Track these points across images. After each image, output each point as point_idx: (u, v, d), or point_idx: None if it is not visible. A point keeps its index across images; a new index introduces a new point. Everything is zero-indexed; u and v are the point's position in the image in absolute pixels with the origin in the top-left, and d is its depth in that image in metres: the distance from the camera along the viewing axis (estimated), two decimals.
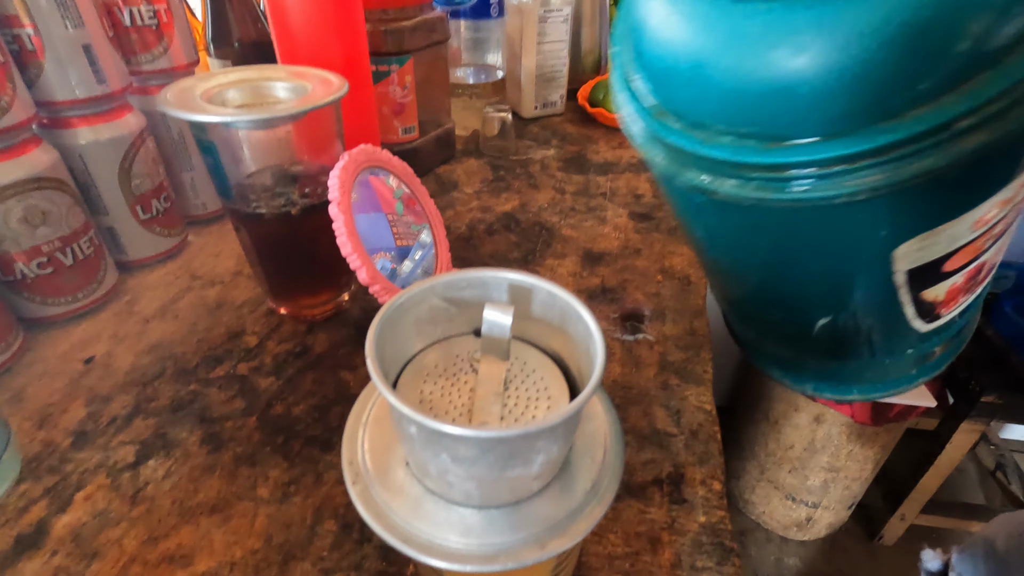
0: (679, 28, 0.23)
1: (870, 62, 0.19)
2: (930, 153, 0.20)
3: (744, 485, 1.38)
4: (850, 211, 0.22)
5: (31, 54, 0.36)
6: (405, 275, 0.38)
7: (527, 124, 0.77)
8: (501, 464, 0.17)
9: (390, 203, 0.39)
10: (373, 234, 0.38)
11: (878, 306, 0.28)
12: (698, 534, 0.29)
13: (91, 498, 0.30)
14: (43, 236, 0.37)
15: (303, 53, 0.45)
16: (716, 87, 0.22)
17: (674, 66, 0.24)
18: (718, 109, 0.23)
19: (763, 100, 0.21)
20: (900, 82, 0.19)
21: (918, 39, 0.18)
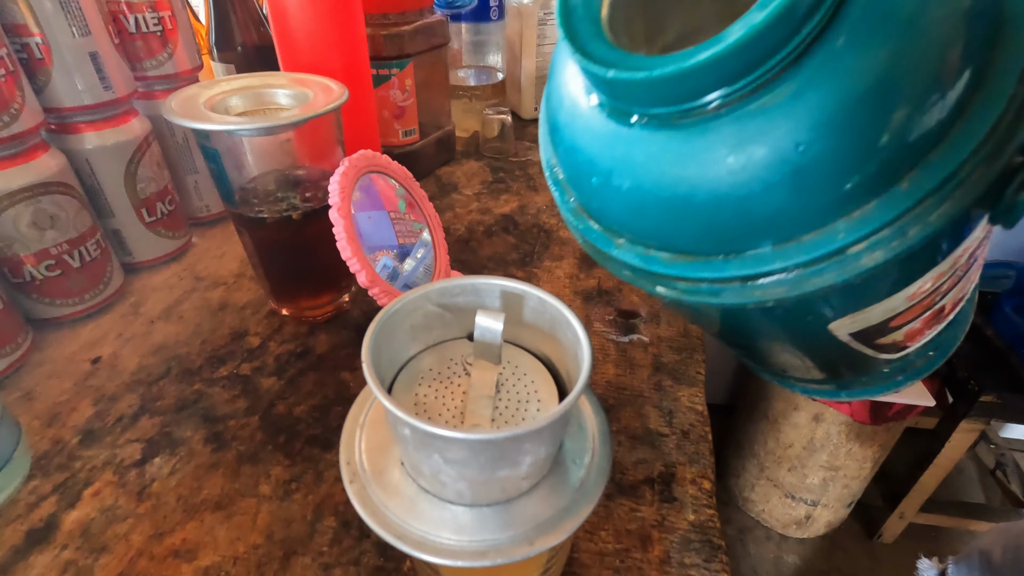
0: (583, 139, 0.23)
1: (758, 193, 0.19)
2: (830, 269, 0.19)
3: (743, 483, 1.39)
4: (768, 310, 0.22)
5: (39, 62, 0.37)
6: (407, 273, 0.39)
7: (527, 125, 0.78)
8: (491, 465, 0.18)
9: (392, 201, 0.40)
10: (375, 232, 0.38)
11: (840, 355, 0.28)
12: (687, 532, 0.29)
13: (99, 494, 0.31)
14: (51, 239, 0.38)
15: (304, 58, 0.45)
16: (620, 201, 0.23)
17: (583, 172, 0.24)
18: (624, 221, 0.23)
19: (663, 218, 0.21)
20: (789, 211, 0.19)
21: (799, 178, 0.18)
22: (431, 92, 0.61)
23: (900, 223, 0.18)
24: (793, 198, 0.19)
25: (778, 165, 0.18)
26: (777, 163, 0.18)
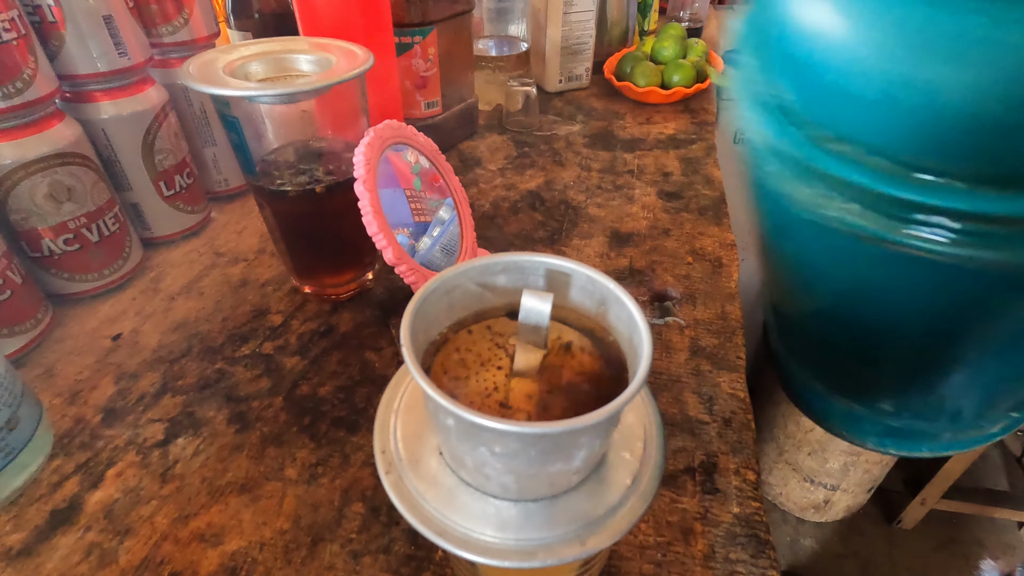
0: (864, 35, 0.18)
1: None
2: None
3: (761, 466, 1.37)
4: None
5: (52, 26, 0.35)
6: (423, 252, 0.37)
7: (551, 98, 0.75)
8: (542, 459, 0.17)
9: (408, 178, 0.38)
10: (392, 210, 0.37)
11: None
12: (732, 525, 0.28)
13: (122, 475, 0.30)
14: (69, 212, 0.37)
15: (325, 25, 0.43)
16: (923, 111, 0.17)
17: (854, 83, 0.19)
18: (921, 139, 0.18)
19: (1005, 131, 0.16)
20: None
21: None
22: (454, 62, 0.59)
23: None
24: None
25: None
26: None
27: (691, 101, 0.73)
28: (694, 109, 0.72)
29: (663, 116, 0.70)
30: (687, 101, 0.73)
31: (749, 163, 0.24)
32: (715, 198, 0.54)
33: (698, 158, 0.61)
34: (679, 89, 0.71)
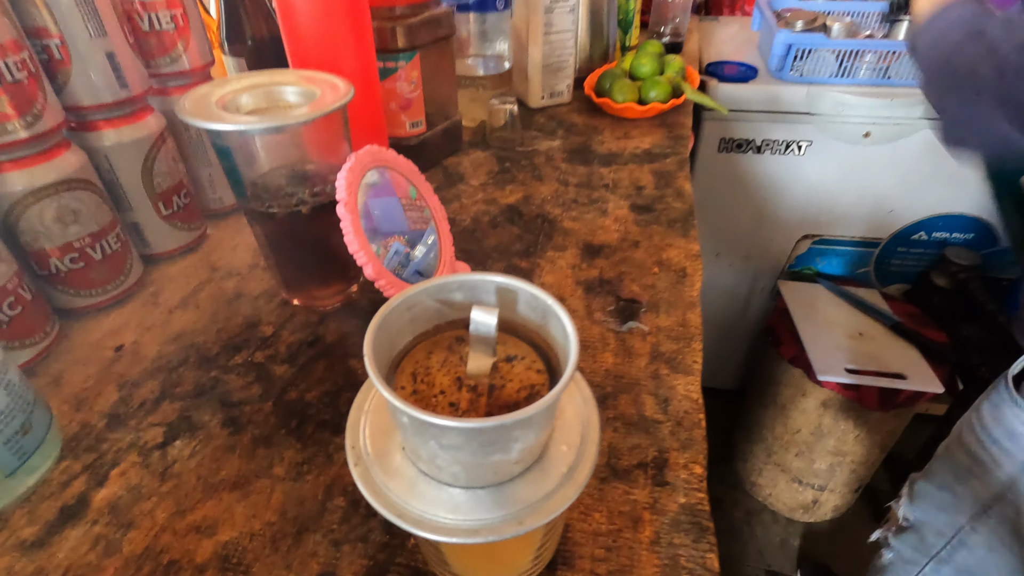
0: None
1: None
2: None
3: (751, 468, 1.40)
4: None
5: (59, 63, 0.38)
6: (418, 259, 0.40)
7: (534, 114, 0.78)
8: (483, 450, 0.20)
9: (403, 187, 0.41)
10: (387, 218, 0.40)
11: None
12: (677, 514, 0.31)
13: (125, 474, 0.33)
14: (74, 233, 0.40)
15: (312, 54, 0.47)
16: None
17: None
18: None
19: None
20: None
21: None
22: (438, 83, 0.62)
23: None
24: None
25: None
26: None
27: (667, 116, 0.77)
28: (670, 124, 0.75)
29: (640, 131, 0.73)
30: (663, 116, 0.76)
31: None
32: (684, 210, 0.57)
33: (671, 172, 0.64)
34: (655, 104, 0.74)
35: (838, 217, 1.27)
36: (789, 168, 1.23)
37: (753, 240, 1.35)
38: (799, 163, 1.22)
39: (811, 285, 1.32)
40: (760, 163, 1.25)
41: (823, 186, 1.24)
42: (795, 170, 1.23)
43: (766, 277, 1.40)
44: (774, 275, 1.38)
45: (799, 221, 1.31)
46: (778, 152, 1.23)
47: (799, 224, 1.31)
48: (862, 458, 1.23)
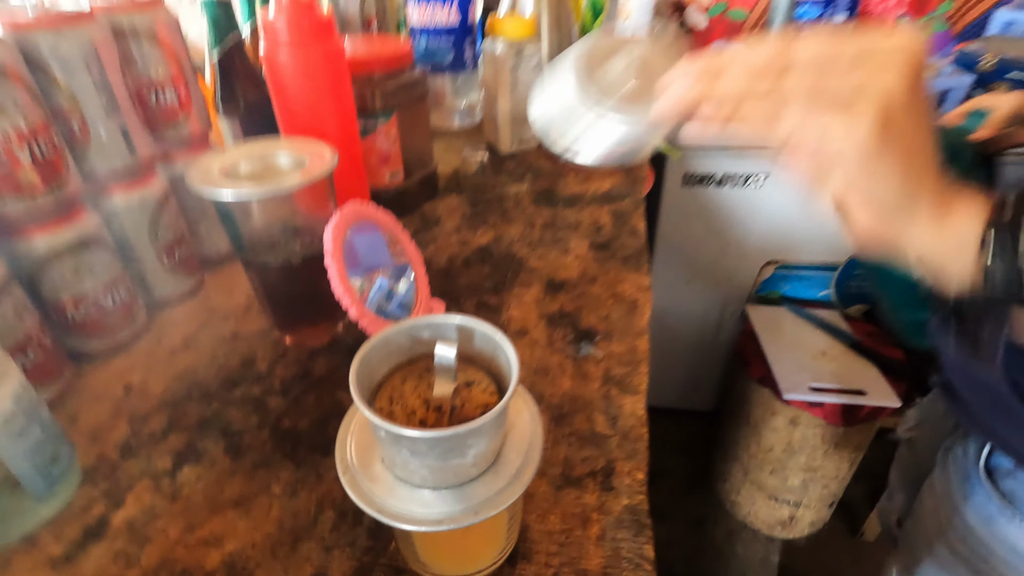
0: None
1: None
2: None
3: (730, 487, 1.44)
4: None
5: (79, 138, 0.44)
6: (402, 294, 0.46)
7: (504, 160, 0.85)
8: (444, 456, 0.25)
9: (386, 221, 0.46)
10: (372, 253, 0.45)
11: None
12: (621, 514, 0.36)
13: (140, 498, 0.38)
14: (89, 286, 0.45)
15: (300, 119, 0.53)
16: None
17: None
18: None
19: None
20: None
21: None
22: (415, 137, 0.69)
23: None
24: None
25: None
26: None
27: None
28: (628, 167, 0.82)
29: (600, 174, 0.80)
30: None
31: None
32: (638, 247, 0.63)
33: (627, 212, 0.71)
34: None
35: (798, 243, 1.35)
36: (749, 199, 1.32)
37: (720, 268, 1.42)
38: (758, 195, 1.31)
39: (777, 308, 1.39)
40: (722, 196, 1.33)
41: (782, 215, 1.32)
42: (755, 201, 1.31)
43: (735, 302, 1.47)
44: (742, 300, 1.45)
45: (762, 248, 1.39)
46: (738, 185, 1.32)
47: (762, 251, 1.39)
48: (833, 473, 1.28)
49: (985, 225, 0.27)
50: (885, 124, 0.24)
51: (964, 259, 0.28)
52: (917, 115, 0.26)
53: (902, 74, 0.25)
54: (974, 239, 0.27)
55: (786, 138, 0.26)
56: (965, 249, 0.28)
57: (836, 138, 0.25)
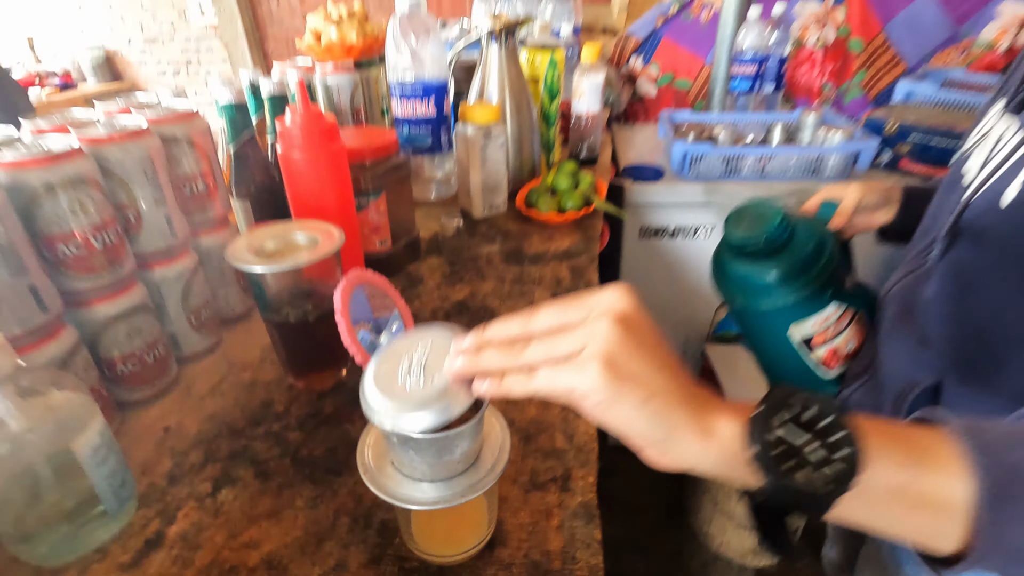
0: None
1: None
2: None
3: (702, 519, 1.53)
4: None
5: (134, 226, 0.55)
6: (383, 347, 0.56)
7: (477, 224, 0.98)
8: (437, 454, 0.35)
9: (365, 276, 0.57)
10: (354, 306, 0.55)
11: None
12: (576, 508, 0.46)
13: (188, 515, 0.46)
14: (136, 345, 0.55)
15: (309, 203, 0.64)
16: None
17: None
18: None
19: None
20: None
21: None
22: (400, 208, 0.81)
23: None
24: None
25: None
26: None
27: (582, 221, 0.97)
28: (584, 227, 0.95)
29: (561, 234, 0.93)
30: (579, 221, 0.97)
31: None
32: None
33: (584, 267, 0.83)
34: (571, 213, 0.95)
35: None
36: (699, 249, 1.47)
37: (680, 311, 1.55)
38: (707, 244, 1.46)
39: (733, 347, 1.52)
40: (675, 246, 1.48)
41: None
42: (704, 250, 1.46)
43: (695, 342, 1.60)
44: (702, 340, 1.58)
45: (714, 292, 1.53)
46: (688, 236, 1.47)
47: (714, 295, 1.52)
48: None
49: (743, 427, 0.30)
50: (610, 368, 0.29)
51: (737, 466, 0.30)
52: (642, 358, 0.30)
53: (612, 327, 0.30)
54: (739, 444, 0.30)
55: (545, 393, 0.31)
56: (736, 456, 0.30)
57: (578, 388, 0.30)
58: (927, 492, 0.29)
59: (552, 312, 0.33)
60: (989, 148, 0.56)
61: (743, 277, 0.73)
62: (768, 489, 0.29)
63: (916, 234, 0.67)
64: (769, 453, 0.29)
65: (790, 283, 0.68)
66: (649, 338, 0.31)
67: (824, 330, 0.71)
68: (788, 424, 0.29)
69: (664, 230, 1.45)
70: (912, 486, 0.29)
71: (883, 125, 1.36)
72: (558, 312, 0.33)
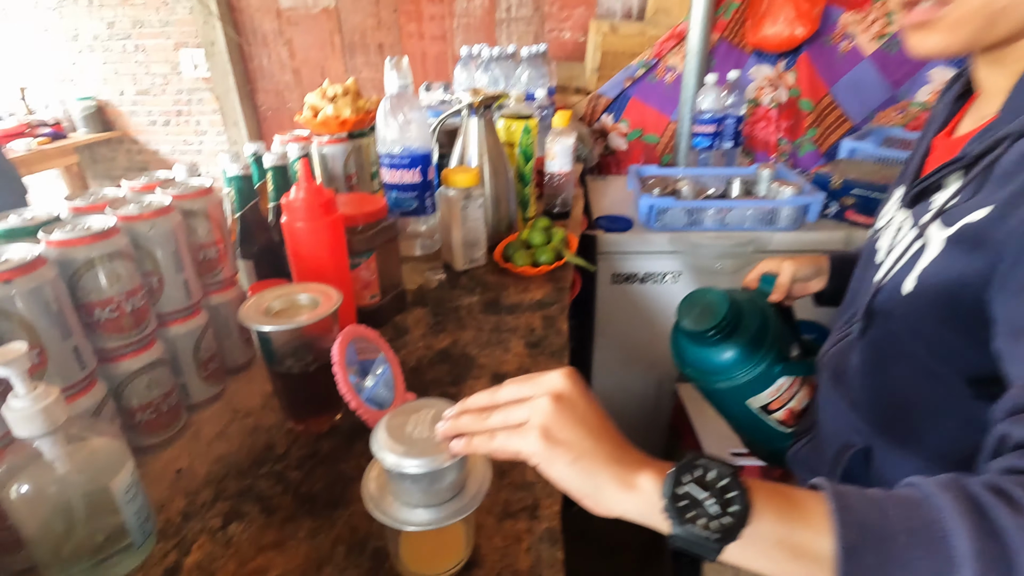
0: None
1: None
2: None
3: None
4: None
5: (157, 290, 0.62)
6: (368, 389, 0.63)
7: (459, 276, 1.07)
8: (430, 484, 0.43)
9: (372, 336, 0.65)
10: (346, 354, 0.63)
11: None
12: (542, 533, 0.53)
13: (202, 547, 0.53)
14: (154, 394, 0.62)
15: (309, 267, 0.73)
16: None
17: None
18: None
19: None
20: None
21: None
22: (388, 265, 0.89)
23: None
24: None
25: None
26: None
27: (554, 273, 1.07)
28: (556, 279, 1.05)
29: (535, 286, 1.02)
30: (552, 273, 1.07)
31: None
32: (561, 344, 0.84)
33: (555, 316, 0.92)
34: (544, 266, 1.04)
35: None
36: (668, 293, 1.57)
37: (652, 351, 1.64)
38: (674, 288, 1.57)
39: None
40: (645, 290, 1.58)
41: None
42: (672, 294, 1.56)
43: (668, 381, 1.68)
44: (673, 379, 1.67)
45: None
46: (657, 282, 1.57)
47: None
48: None
49: (659, 483, 0.37)
50: (546, 436, 0.39)
51: (654, 514, 0.37)
52: (573, 427, 0.39)
53: (550, 404, 0.39)
54: (656, 497, 0.37)
55: (502, 452, 0.41)
56: (653, 506, 0.37)
57: (523, 450, 0.40)
58: (801, 544, 0.35)
59: (511, 388, 0.43)
60: (892, 235, 0.64)
61: (699, 361, 0.83)
62: (675, 534, 0.36)
63: (843, 302, 0.76)
64: (676, 505, 0.36)
65: (741, 366, 0.79)
66: (583, 411, 0.40)
67: (778, 397, 0.80)
68: (692, 483, 0.37)
69: (635, 276, 1.56)
70: (789, 538, 0.35)
71: (828, 180, 1.50)
72: (515, 388, 0.43)
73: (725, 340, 0.79)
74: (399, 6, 2.80)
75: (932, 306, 0.54)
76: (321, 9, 2.89)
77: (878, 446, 0.65)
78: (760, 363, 0.78)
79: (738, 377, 0.79)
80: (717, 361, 0.80)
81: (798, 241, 1.49)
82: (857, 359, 0.65)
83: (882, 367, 0.63)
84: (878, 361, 0.63)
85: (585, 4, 2.64)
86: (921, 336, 0.57)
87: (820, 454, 0.75)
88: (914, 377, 0.59)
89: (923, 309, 0.55)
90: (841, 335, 0.71)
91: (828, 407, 0.73)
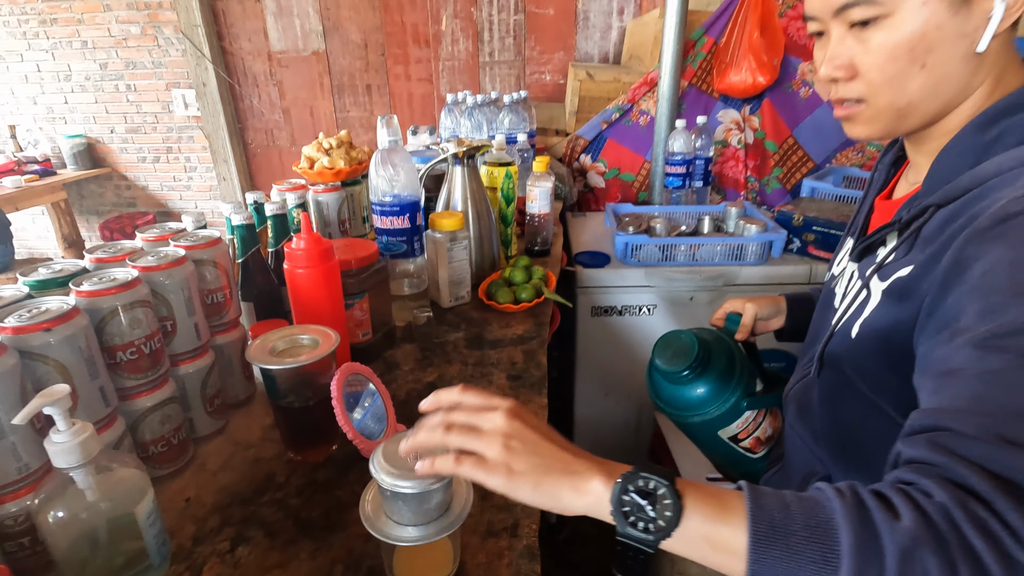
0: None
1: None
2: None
3: None
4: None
5: (170, 333, 0.68)
6: (357, 420, 0.69)
7: (445, 313, 1.14)
8: (419, 503, 0.49)
9: (366, 372, 0.71)
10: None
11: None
12: (522, 550, 0.60)
13: (212, 568, 0.58)
14: (166, 428, 0.67)
15: (309, 309, 0.79)
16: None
17: None
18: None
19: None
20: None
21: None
22: (379, 304, 0.96)
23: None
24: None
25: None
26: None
27: (535, 309, 1.14)
28: (536, 314, 1.12)
29: (517, 321, 1.10)
30: (532, 309, 1.14)
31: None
32: (540, 376, 0.91)
33: (534, 350, 0.99)
34: (525, 303, 1.12)
35: None
36: (644, 325, 1.65)
37: (630, 381, 1.71)
38: (650, 321, 1.65)
39: None
40: (623, 323, 1.66)
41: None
42: (649, 326, 1.64)
43: (647, 409, 1.75)
44: (652, 407, 1.73)
45: None
46: (634, 314, 1.65)
47: None
48: None
49: (607, 490, 0.44)
50: (505, 443, 0.46)
51: (604, 514, 0.44)
52: (528, 438, 0.47)
53: (504, 418, 0.48)
54: (605, 500, 0.44)
55: (468, 471, 0.47)
56: (603, 508, 0.44)
57: (485, 452, 0.46)
58: (723, 539, 0.41)
59: (471, 396, 0.53)
60: (845, 283, 0.73)
61: (673, 399, 0.92)
62: (620, 531, 0.44)
63: (806, 340, 0.84)
64: (621, 509, 0.44)
65: (712, 403, 0.89)
66: (534, 422, 0.49)
67: (745, 427, 0.90)
68: (634, 493, 0.44)
69: (613, 308, 1.64)
70: (714, 534, 0.42)
71: (790, 218, 1.61)
72: (475, 398, 0.53)
73: (697, 379, 0.88)
74: (387, 50, 2.93)
75: (872, 350, 0.62)
76: (311, 52, 3.01)
77: (837, 473, 0.72)
78: (729, 399, 0.87)
79: (709, 412, 0.88)
80: (690, 398, 0.89)
81: (765, 275, 1.58)
82: (817, 396, 0.73)
83: (837, 403, 0.70)
84: (833, 398, 0.71)
85: (564, 48, 2.79)
86: (865, 376, 0.64)
87: (788, 481, 0.82)
88: (863, 411, 0.66)
89: (866, 352, 0.63)
90: (803, 374, 0.79)
91: (794, 438, 0.81)
